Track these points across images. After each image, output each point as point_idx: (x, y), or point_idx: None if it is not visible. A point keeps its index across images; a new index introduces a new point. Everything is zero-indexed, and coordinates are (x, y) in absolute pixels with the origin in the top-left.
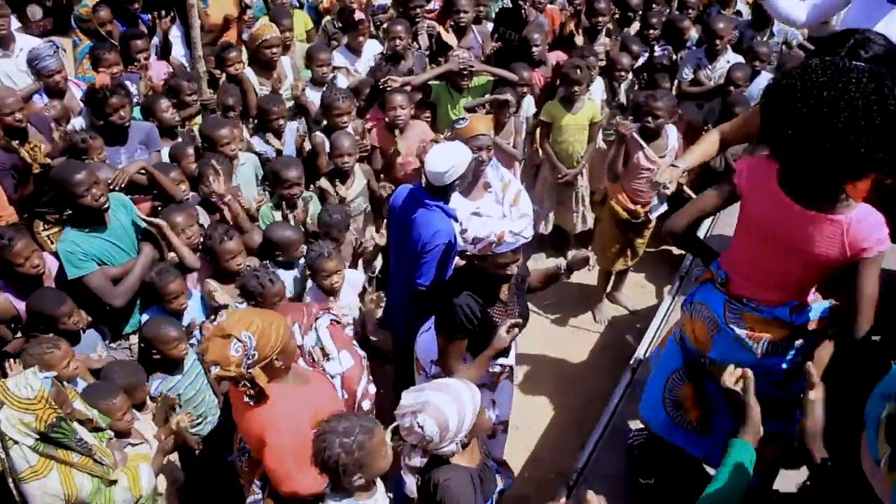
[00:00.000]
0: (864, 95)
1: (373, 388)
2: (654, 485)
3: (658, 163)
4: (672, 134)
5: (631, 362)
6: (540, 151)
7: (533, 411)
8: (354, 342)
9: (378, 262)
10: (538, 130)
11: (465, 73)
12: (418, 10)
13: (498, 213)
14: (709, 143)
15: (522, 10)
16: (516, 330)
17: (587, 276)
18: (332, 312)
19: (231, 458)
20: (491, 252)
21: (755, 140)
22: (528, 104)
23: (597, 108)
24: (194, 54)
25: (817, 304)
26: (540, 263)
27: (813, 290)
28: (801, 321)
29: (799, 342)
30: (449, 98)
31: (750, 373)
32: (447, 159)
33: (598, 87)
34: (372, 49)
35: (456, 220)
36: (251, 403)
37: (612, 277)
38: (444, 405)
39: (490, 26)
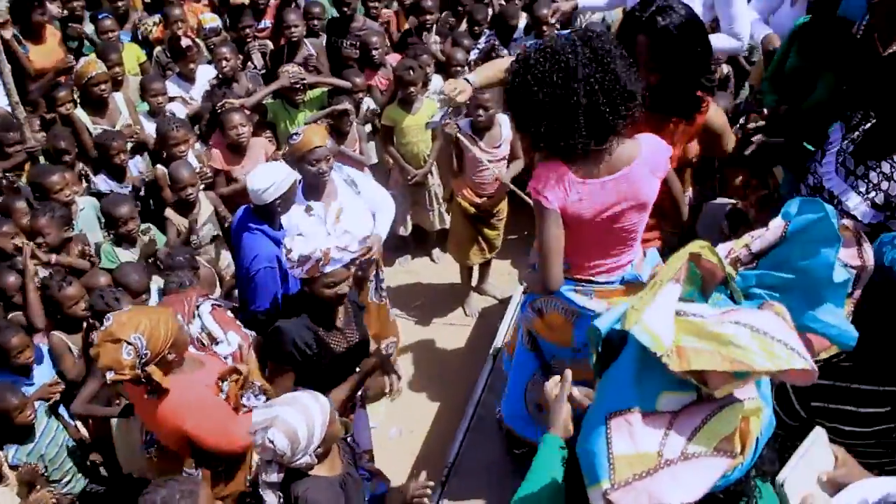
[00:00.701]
0: (585, 63)
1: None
2: (529, 453)
3: (492, 153)
4: (505, 123)
5: (491, 350)
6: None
7: (415, 416)
8: (238, 322)
9: None
10: (382, 134)
11: (298, 87)
12: (248, 31)
13: (322, 232)
14: (500, 64)
15: (346, 12)
16: (392, 347)
17: (453, 274)
18: (212, 297)
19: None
20: (319, 272)
21: None
22: (370, 107)
23: (436, 106)
24: (11, 101)
25: (648, 256)
26: (406, 265)
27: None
28: (644, 277)
29: None
30: (286, 114)
31: (568, 374)
32: (266, 177)
33: (437, 84)
34: (206, 74)
35: (279, 243)
36: (154, 398)
37: (476, 270)
38: (292, 418)
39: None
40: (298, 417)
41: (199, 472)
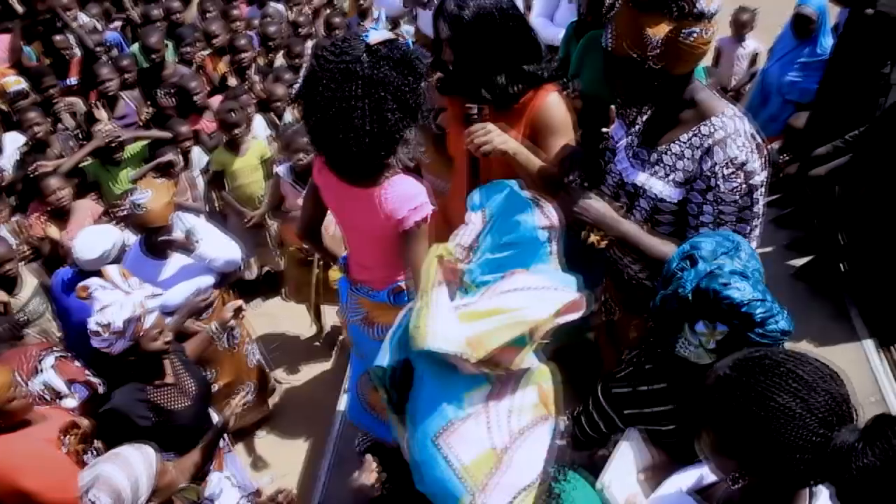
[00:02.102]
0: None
1: None
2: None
3: None
4: None
5: (344, 383)
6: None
7: (286, 459)
8: (87, 371)
9: None
10: (212, 179)
11: (114, 145)
12: (52, 91)
13: (119, 293)
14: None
15: (155, 60)
16: (250, 393)
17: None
18: (57, 350)
19: None
20: (143, 329)
21: None
22: (198, 155)
23: (263, 144)
24: None
25: None
26: (258, 309)
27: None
28: (399, 302)
29: None
30: (107, 174)
31: None
32: (98, 245)
33: (259, 123)
34: (14, 141)
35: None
36: None
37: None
38: (114, 475)
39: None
40: (120, 474)
41: None
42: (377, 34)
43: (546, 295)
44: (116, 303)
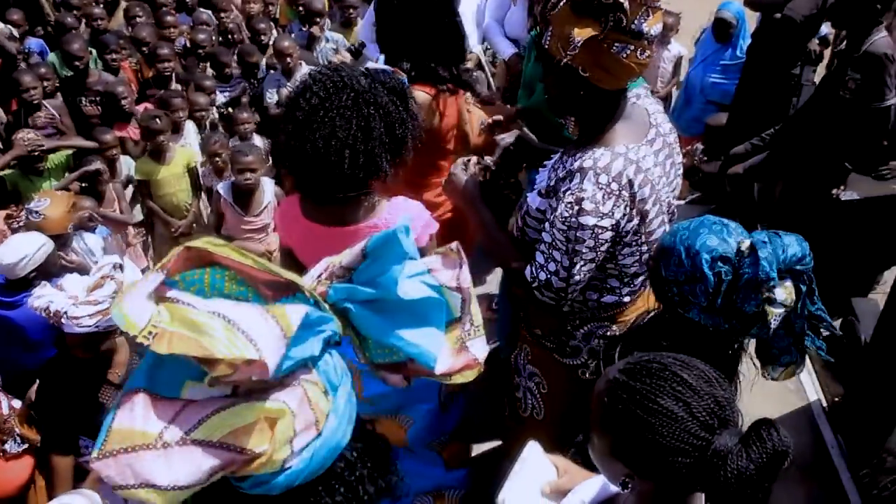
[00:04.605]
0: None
1: None
2: None
3: (253, 221)
4: (268, 189)
5: None
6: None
7: None
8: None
9: None
10: (138, 189)
11: (36, 154)
12: None
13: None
14: None
15: (79, 67)
16: None
17: None
18: None
19: None
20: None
21: None
22: (126, 164)
23: (191, 152)
24: None
25: None
26: None
27: None
28: None
29: None
30: (29, 185)
31: None
32: (17, 251)
33: (191, 130)
34: None
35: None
36: None
37: None
38: None
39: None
40: None
41: None
42: (375, 64)
43: (239, 341)
44: (89, 297)
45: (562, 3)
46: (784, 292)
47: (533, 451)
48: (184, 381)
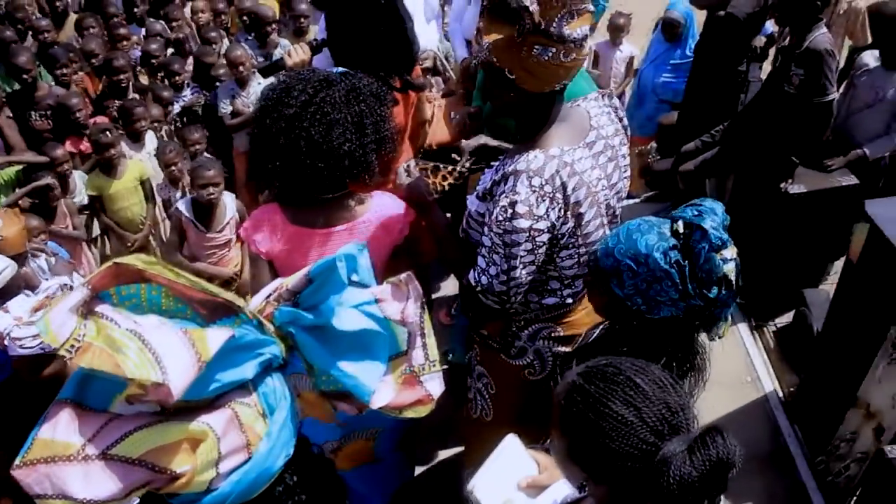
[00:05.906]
0: (311, 113)
1: None
2: None
3: (215, 237)
4: (230, 203)
5: None
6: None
7: None
8: None
9: None
10: (90, 205)
11: None
12: None
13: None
14: None
15: (27, 80)
16: None
17: None
18: None
19: None
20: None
21: None
22: (78, 179)
23: (143, 165)
24: None
25: None
26: None
27: None
28: None
29: None
30: None
31: None
32: None
33: (150, 140)
34: None
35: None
36: None
37: None
38: None
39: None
40: None
41: None
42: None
43: (147, 363)
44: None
45: (486, 7)
46: (731, 250)
47: (511, 444)
48: (115, 395)
